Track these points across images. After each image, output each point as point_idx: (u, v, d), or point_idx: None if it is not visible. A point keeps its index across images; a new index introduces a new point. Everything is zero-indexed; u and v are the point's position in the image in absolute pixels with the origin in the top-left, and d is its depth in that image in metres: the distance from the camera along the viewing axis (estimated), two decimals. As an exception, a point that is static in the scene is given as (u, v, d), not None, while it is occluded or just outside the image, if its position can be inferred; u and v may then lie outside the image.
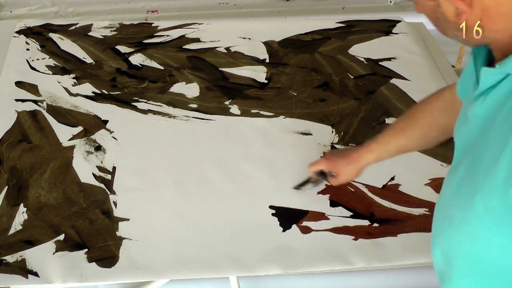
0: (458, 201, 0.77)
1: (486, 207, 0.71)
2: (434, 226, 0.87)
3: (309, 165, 1.21)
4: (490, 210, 0.70)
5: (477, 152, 0.75)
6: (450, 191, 0.81)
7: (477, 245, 0.76)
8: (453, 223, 0.79)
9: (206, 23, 1.76)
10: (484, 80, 0.74)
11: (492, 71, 0.72)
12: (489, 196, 0.70)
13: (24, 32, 1.70)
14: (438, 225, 0.85)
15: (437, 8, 0.69)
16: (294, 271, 1.15)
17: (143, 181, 1.30)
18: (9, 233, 1.18)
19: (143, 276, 1.13)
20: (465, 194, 0.75)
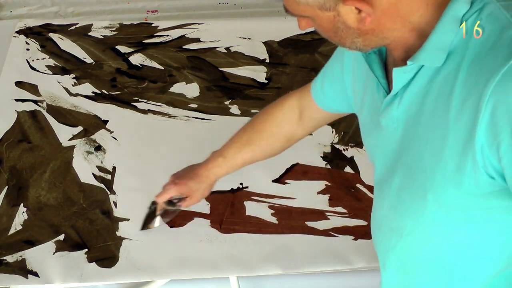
0: (404, 209, 0.76)
1: (440, 203, 0.70)
2: (379, 245, 0.85)
3: (157, 196, 1.14)
4: (445, 204, 0.70)
5: (410, 154, 0.73)
6: (387, 204, 0.79)
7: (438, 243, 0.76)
8: (404, 233, 0.78)
9: (206, 23, 1.76)
10: (397, 81, 0.72)
11: (404, 69, 0.70)
12: (443, 190, 0.69)
13: (24, 32, 1.70)
14: (384, 242, 0.83)
15: (336, 18, 0.68)
16: (294, 271, 1.15)
17: (143, 181, 1.30)
18: (9, 233, 1.18)
19: (143, 276, 1.13)
20: (411, 199, 0.74)
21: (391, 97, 0.74)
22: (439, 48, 0.66)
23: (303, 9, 0.68)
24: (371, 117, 0.82)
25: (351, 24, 0.67)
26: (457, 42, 0.65)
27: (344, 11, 0.66)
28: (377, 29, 0.68)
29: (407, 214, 0.76)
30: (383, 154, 0.80)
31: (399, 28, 0.68)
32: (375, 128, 0.81)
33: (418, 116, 0.70)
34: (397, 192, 0.76)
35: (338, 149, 1.38)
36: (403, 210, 0.76)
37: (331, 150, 1.38)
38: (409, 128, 0.73)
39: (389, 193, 0.78)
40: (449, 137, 0.65)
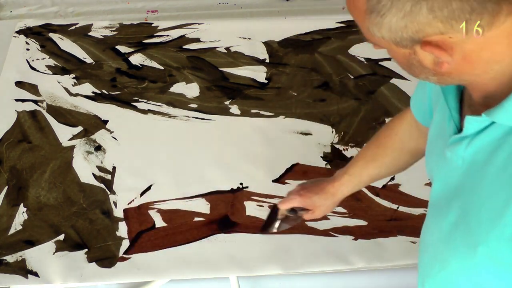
0: (454, 248, 0.74)
1: (491, 258, 0.68)
2: (422, 264, 0.84)
3: (280, 202, 1.10)
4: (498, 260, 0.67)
5: (470, 200, 0.71)
6: (440, 234, 0.77)
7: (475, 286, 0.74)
8: (448, 268, 0.76)
9: (206, 23, 1.76)
10: (469, 128, 0.69)
11: (478, 119, 0.67)
12: (496, 249, 0.66)
13: (24, 32, 1.70)
14: (427, 265, 0.82)
15: (411, 56, 0.65)
16: (294, 271, 1.15)
17: (143, 181, 1.30)
18: (9, 233, 1.18)
19: (143, 276, 1.13)
20: (463, 243, 0.72)
21: (460, 137, 0.71)
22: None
23: (378, 41, 0.65)
24: (436, 140, 0.80)
25: (426, 65, 0.64)
26: None
27: (421, 52, 0.63)
28: (455, 73, 0.64)
29: (454, 254, 0.74)
30: (444, 182, 0.78)
31: (479, 74, 0.64)
32: (439, 154, 0.78)
33: (486, 166, 0.68)
34: (450, 228, 0.74)
35: (338, 149, 1.38)
36: (452, 248, 0.74)
37: (331, 150, 1.38)
38: (474, 173, 0.70)
39: (442, 224, 0.76)
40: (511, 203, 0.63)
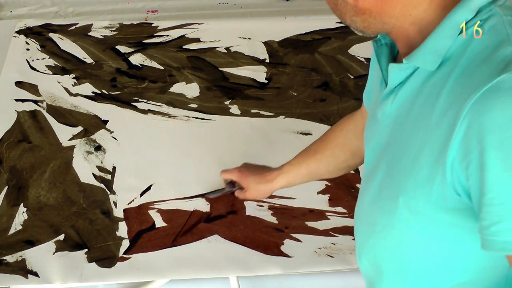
0: (380, 206, 0.75)
1: (409, 207, 0.69)
2: (357, 236, 0.85)
3: (222, 171, 1.19)
4: (414, 210, 0.69)
5: (393, 153, 0.73)
6: (369, 197, 0.79)
7: (404, 247, 0.75)
8: (377, 229, 0.77)
9: (206, 23, 1.76)
10: (393, 77, 0.71)
11: (400, 67, 0.69)
12: (413, 196, 0.68)
13: (24, 32, 1.70)
14: (361, 234, 0.83)
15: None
16: (294, 271, 1.15)
17: (143, 181, 1.30)
18: (9, 233, 1.18)
19: (143, 276, 1.13)
20: (387, 197, 0.73)
21: (387, 92, 0.73)
22: (434, 52, 0.64)
23: None
24: (372, 109, 0.81)
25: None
26: (454, 49, 0.64)
27: None
28: (374, 11, 0.66)
29: (381, 212, 0.75)
30: (373, 148, 0.79)
31: (398, 17, 0.66)
32: (372, 119, 0.80)
33: (407, 116, 0.70)
34: (378, 188, 0.76)
35: (338, 149, 1.38)
36: (379, 207, 0.76)
37: (331, 150, 1.38)
38: (397, 126, 0.72)
39: (372, 187, 0.78)
40: (427, 144, 0.65)
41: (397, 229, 0.74)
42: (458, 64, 0.63)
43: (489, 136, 0.57)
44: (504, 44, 0.59)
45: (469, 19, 0.63)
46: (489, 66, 0.59)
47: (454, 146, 0.60)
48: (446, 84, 0.63)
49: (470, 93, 0.58)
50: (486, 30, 0.62)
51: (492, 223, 0.59)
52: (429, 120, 0.64)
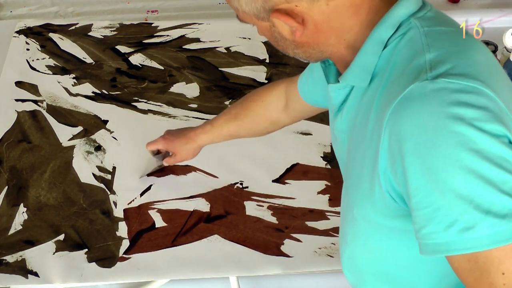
0: (345, 218, 0.78)
1: (363, 218, 0.72)
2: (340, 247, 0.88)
3: (147, 144, 1.24)
4: (367, 220, 0.71)
5: (348, 167, 0.76)
6: (341, 213, 0.82)
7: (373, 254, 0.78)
8: (348, 241, 0.80)
9: (206, 23, 1.76)
10: (334, 97, 0.75)
11: (337, 86, 0.73)
12: (362, 207, 0.70)
13: (24, 32, 1.70)
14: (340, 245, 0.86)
15: (272, 29, 0.69)
16: (294, 271, 1.15)
17: (143, 181, 1.30)
18: (9, 233, 1.18)
19: (143, 276, 1.13)
20: (347, 209, 0.76)
21: (336, 110, 0.76)
22: (363, 69, 0.67)
23: (245, 17, 0.70)
24: (331, 124, 0.84)
25: (285, 35, 0.68)
26: (381, 65, 0.66)
27: (278, 23, 0.66)
28: (312, 42, 0.68)
29: (347, 223, 0.78)
30: (340, 163, 0.83)
31: (334, 44, 0.69)
32: (333, 135, 0.83)
33: (353, 132, 0.73)
34: (344, 202, 0.79)
35: (338, 149, 1.38)
36: (345, 218, 0.79)
37: (331, 150, 1.38)
38: (350, 142, 0.75)
39: (343, 200, 0.81)
40: (365, 158, 0.67)
41: (362, 238, 0.76)
42: (384, 77, 0.65)
43: (405, 143, 0.59)
44: (418, 55, 0.62)
45: (391, 35, 0.65)
46: (404, 77, 0.61)
47: (382, 156, 0.62)
48: (375, 98, 0.66)
49: (388, 105, 0.61)
50: (404, 43, 0.64)
51: (420, 226, 0.60)
52: (365, 134, 0.67)
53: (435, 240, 0.59)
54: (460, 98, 0.57)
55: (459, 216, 0.57)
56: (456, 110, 0.56)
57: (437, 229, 0.59)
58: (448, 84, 0.58)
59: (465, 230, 0.57)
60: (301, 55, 0.72)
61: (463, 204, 0.57)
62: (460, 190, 0.57)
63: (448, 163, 0.56)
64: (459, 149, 0.56)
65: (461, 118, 0.56)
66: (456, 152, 0.56)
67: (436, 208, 0.58)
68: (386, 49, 0.66)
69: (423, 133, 0.57)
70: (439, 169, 0.57)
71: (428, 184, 0.58)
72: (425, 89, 0.58)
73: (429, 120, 0.57)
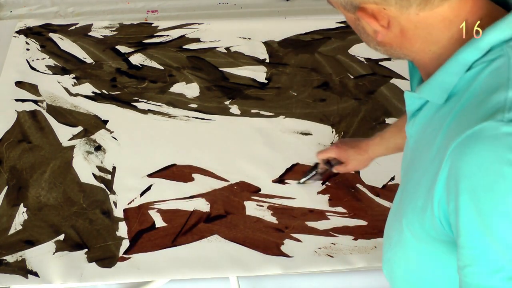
0: (395, 223, 0.78)
1: (410, 230, 0.71)
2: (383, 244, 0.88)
3: (318, 152, 1.24)
4: (414, 233, 0.71)
5: (408, 175, 0.75)
6: (391, 212, 0.81)
7: (409, 265, 0.77)
8: (392, 244, 0.80)
9: (206, 23, 1.76)
10: (409, 104, 0.73)
11: (413, 95, 0.71)
12: (412, 220, 0.70)
13: (24, 32, 1.70)
14: (384, 244, 0.86)
15: (357, 22, 0.68)
16: (294, 271, 1.15)
17: (143, 181, 1.30)
18: (9, 233, 1.18)
19: (143, 276, 1.13)
20: (398, 216, 0.76)
21: (410, 115, 0.75)
22: (441, 87, 0.65)
23: (335, 4, 0.68)
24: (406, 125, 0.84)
25: (368, 32, 0.67)
26: (460, 86, 0.64)
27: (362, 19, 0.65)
28: (395, 45, 0.67)
29: (394, 228, 0.78)
30: (403, 163, 0.82)
31: (418, 52, 0.67)
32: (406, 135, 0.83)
33: (420, 143, 0.72)
34: (397, 204, 0.78)
35: (338, 149, 1.38)
36: (394, 223, 0.78)
37: (331, 150, 1.38)
38: (414, 149, 0.74)
39: (395, 201, 0.80)
40: (425, 176, 0.66)
41: (404, 247, 0.76)
42: (460, 101, 0.63)
43: (464, 181, 0.57)
44: (500, 89, 0.58)
45: (477, 58, 0.62)
46: (480, 110, 0.59)
47: (439, 184, 0.61)
48: (447, 120, 0.64)
49: (456, 135, 0.59)
50: (489, 72, 0.61)
51: (465, 264, 0.60)
52: (430, 152, 0.65)
53: (478, 281, 0.59)
54: None
55: (507, 264, 0.56)
56: None
57: (483, 271, 0.58)
58: None
59: (510, 279, 0.56)
60: (382, 52, 0.70)
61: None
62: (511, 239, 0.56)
63: (502, 211, 0.55)
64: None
65: None
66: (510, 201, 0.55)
67: (485, 251, 0.57)
68: (469, 71, 0.63)
69: (484, 176, 0.56)
70: (492, 214, 0.56)
71: (480, 227, 0.57)
72: (497, 131, 0.55)
73: (492, 164, 0.55)
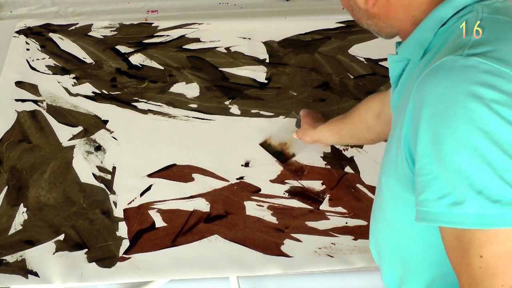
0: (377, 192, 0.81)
1: (387, 186, 0.74)
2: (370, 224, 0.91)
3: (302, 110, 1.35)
4: (390, 189, 0.73)
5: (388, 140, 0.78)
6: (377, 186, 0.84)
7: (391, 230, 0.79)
8: (376, 215, 0.83)
9: (206, 23, 1.76)
10: (392, 68, 0.78)
11: (394, 58, 0.76)
12: (387, 174, 0.73)
13: (24, 32, 1.70)
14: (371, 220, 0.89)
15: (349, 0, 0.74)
16: (294, 271, 1.15)
17: (143, 181, 1.30)
18: (9, 233, 1.18)
19: (143, 276, 1.13)
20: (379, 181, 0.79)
21: (393, 87, 0.80)
22: (418, 43, 0.70)
23: None
24: None
25: (360, 4, 0.72)
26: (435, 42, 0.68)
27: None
28: (383, 15, 0.72)
29: (376, 198, 0.81)
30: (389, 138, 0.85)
31: (402, 19, 0.71)
32: None
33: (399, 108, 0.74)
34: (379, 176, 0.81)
35: (338, 149, 1.38)
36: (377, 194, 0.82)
37: (331, 150, 1.38)
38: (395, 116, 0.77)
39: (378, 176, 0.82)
40: (397, 125, 0.70)
41: (384, 212, 0.78)
42: (432, 53, 0.68)
43: (424, 109, 0.60)
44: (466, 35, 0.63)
45: (451, 15, 0.67)
46: (444, 52, 0.63)
47: (407, 120, 0.64)
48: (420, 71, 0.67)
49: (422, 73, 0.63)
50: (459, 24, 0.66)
51: (418, 192, 0.62)
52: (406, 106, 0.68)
53: (427, 208, 0.61)
54: (486, 79, 0.57)
55: (452, 190, 0.58)
56: (478, 89, 0.57)
57: (430, 198, 0.60)
58: (480, 64, 0.58)
59: (454, 204, 0.58)
60: (373, 28, 0.75)
61: (459, 178, 0.58)
62: (459, 165, 0.57)
63: (454, 137, 0.58)
64: (468, 126, 0.57)
65: (480, 97, 0.57)
66: (464, 127, 0.57)
67: (434, 177, 0.59)
68: (442, 27, 0.68)
69: (440, 103, 0.59)
70: (444, 140, 0.58)
71: (433, 153, 0.59)
72: (456, 63, 0.59)
73: (449, 92, 0.58)
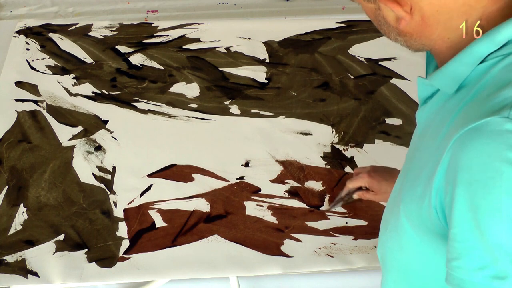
0: (393, 208, 0.77)
1: (406, 216, 0.71)
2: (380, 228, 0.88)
3: (349, 181, 1.18)
4: (410, 220, 0.71)
5: (412, 162, 0.74)
6: (391, 197, 0.81)
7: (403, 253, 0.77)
8: (388, 228, 0.79)
9: (206, 23, 1.76)
10: (421, 90, 0.73)
11: (425, 82, 0.71)
12: (409, 208, 0.70)
13: (24, 32, 1.70)
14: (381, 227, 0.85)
15: (377, 12, 0.67)
16: (294, 271, 1.15)
17: (143, 181, 1.30)
18: (9, 233, 1.18)
19: (143, 276, 1.13)
20: (397, 201, 0.75)
21: (421, 103, 0.75)
22: (453, 77, 0.65)
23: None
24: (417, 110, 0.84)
25: (390, 22, 0.67)
26: (472, 78, 0.63)
27: (384, 8, 0.65)
28: (415, 34, 0.67)
29: (392, 212, 0.78)
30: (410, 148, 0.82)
31: (436, 39, 0.66)
32: None
33: (427, 131, 0.71)
34: (397, 189, 0.78)
35: (338, 149, 1.38)
36: (392, 207, 0.78)
37: (331, 150, 1.38)
38: (422, 137, 0.74)
39: (396, 185, 0.80)
40: (427, 164, 0.66)
41: (399, 233, 0.75)
42: (470, 93, 0.62)
43: (462, 174, 0.57)
44: (510, 85, 0.58)
45: (492, 51, 0.62)
46: (487, 104, 0.58)
47: (440, 173, 0.61)
48: (455, 110, 0.63)
49: (461, 126, 0.58)
50: (503, 66, 0.60)
51: (453, 257, 0.60)
52: (435, 141, 0.65)
53: (463, 276, 0.59)
54: None
55: (492, 263, 0.56)
56: None
57: (467, 267, 0.58)
58: None
59: (495, 278, 0.56)
60: (402, 43, 0.70)
61: (500, 252, 0.56)
62: (501, 239, 0.55)
63: (495, 209, 0.55)
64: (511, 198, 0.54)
65: None
66: (507, 200, 0.54)
67: (472, 246, 0.57)
68: (482, 64, 0.62)
69: (481, 171, 0.55)
70: (485, 211, 0.56)
71: (472, 221, 0.57)
72: (501, 127, 0.55)
73: (491, 160, 0.55)
